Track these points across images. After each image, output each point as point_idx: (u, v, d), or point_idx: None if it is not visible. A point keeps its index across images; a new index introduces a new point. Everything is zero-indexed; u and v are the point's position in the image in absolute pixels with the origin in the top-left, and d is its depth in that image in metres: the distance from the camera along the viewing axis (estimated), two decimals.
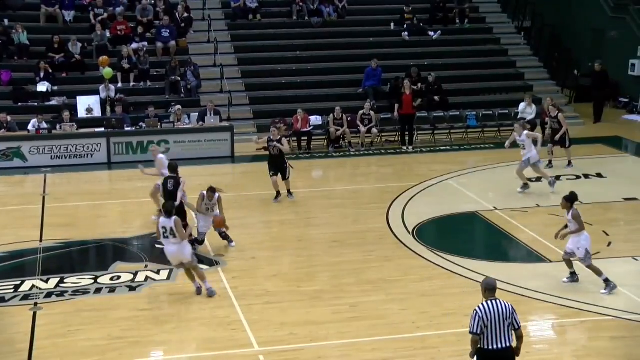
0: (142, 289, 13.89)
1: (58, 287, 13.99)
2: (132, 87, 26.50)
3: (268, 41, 29.38)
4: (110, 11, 28.53)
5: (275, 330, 12.27)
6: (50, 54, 26.61)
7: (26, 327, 12.40)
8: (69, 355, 11.56)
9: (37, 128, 23.41)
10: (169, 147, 23.27)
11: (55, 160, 22.88)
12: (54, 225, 17.48)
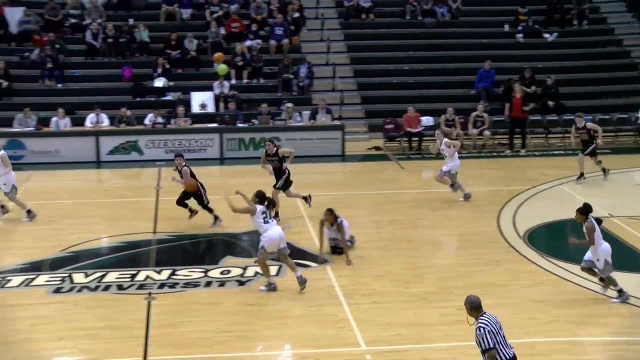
0: (251, 284, 14.07)
1: (170, 278, 14.33)
2: (245, 84, 26.91)
3: (380, 41, 29.40)
4: (225, 8, 29.03)
5: (382, 330, 12.24)
6: (168, 50, 27.28)
7: (141, 315, 12.75)
8: (179, 346, 11.82)
9: (153, 122, 24.06)
10: (280, 143, 23.50)
11: (170, 154, 23.40)
12: (167, 218, 17.89)
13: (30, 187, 20.76)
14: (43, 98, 25.84)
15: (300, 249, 15.81)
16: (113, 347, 11.74)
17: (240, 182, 20.92)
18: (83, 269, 14.76)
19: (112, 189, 20.69)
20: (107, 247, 16.53)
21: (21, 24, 27.61)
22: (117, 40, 27.45)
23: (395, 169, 22.83)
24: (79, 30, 28.14)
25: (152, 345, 11.75)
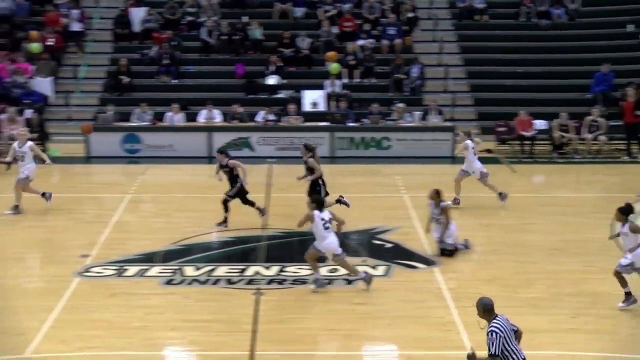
0: (358, 283, 14.10)
1: (279, 275, 14.49)
2: (356, 83, 26.97)
3: (494, 42, 29.01)
4: (338, 8, 29.16)
5: None
6: (281, 48, 27.58)
7: (250, 309, 12.94)
8: (286, 342, 11.93)
9: (265, 119, 24.36)
10: (390, 144, 23.52)
11: (281, 151, 23.70)
12: (277, 214, 18.09)
13: (146, 180, 21.32)
14: (159, 93, 26.53)
15: (408, 249, 15.78)
16: (221, 340, 11.96)
17: (350, 181, 21.03)
18: (194, 262, 15.09)
19: (223, 185, 20.99)
20: (218, 241, 16.82)
21: (143, 23, 28.41)
22: (231, 37, 27.92)
23: (506, 172, 22.49)
24: (194, 28, 28.77)
25: (259, 340, 11.90)
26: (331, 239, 13.59)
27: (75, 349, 11.55)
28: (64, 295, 13.47)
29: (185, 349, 11.89)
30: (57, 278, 14.28)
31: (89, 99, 26.59)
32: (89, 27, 28.81)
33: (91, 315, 12.74)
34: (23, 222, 17.36)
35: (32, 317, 12.62)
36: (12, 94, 25.37)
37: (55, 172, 22.58)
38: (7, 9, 28.48)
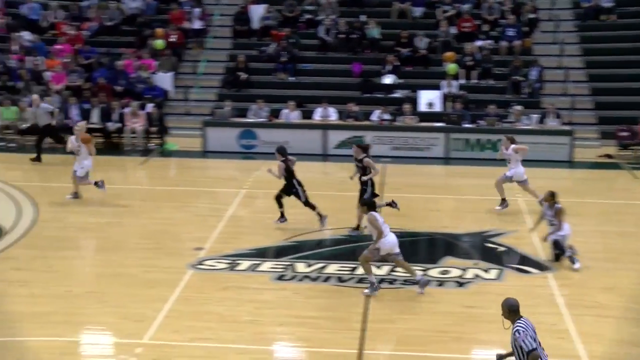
0: (469, 286, 13.91)
1: (389, 274, 14.43)
2: (473, 84, 26.64)
3: (620, 43, 28.06)
4: (457, 8, 28.86)
5: (609, 347, 11.70)
6: (398, 48, 27.49)
7: (360, 308, 12.93)
8: (394, 342, 11.88)
9: (380, 119, 24.32)
10: None
11: (395, 151, 23.62)
12: (389, 214, 17.95)
13: (260, 176, 21.53)
14: (276, 90, 26.82)
15: (521, 253, 15.49)
16: (330, 337, 11.98)
17: (464, 182, 20.79)
18: (305, 259, 15.18)
19: (337, 182, 21.08)
20: (329, 239, 16.89)
21: (262, 20, 28.80)
22: (349, 36, 27.99)
23: (627, 178, 21.81)
24: (312, 26, 28.97)
25: (368, 339, 11.88)
26: (390, 237, 13.52)
27: (187, 339, 11.78)
28: (178, 287, 13.78)
29: (294, 344, 11.97)
30: (172, 269, 14.60)
31: (207, 95, 27.12)
32: (209, 24, 29.38)
33: (203, 307, 12.98)
34: (143, 214, 17.82)
35: (149, 305, 12.96)
36: (136, 89, 26.12)
37: (172, 165, 23.19)
38: (137, 8, 29.37)
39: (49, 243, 16.15)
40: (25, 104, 24.63)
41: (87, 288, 13.83)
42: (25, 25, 28.75)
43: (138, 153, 23.71)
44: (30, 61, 26.91)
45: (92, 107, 24.62)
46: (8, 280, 14.17)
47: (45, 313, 12.74)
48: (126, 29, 29.03)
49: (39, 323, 12.39)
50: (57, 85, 26.05)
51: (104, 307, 13.08)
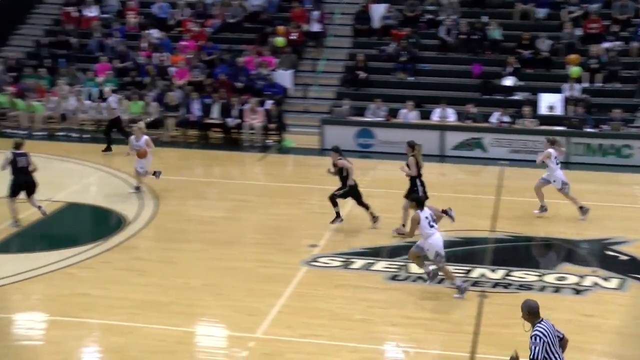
0: (587, 294, 13.55)
1: (505, 278, 14.20)
2: (598, 87, 25.91)
3: None
4: (584, 8, 28.11)
5: None
6: (519, 49, 27.01)
7: (473, 311, 12.78)
8: (508, 347, 11.54)
9: (499, 121, 23.96)
10: (632, 152, 22.44)
11: (514, 154, 23.23)
12: (506, 217, 17.75)
13: (376, 176, 21.58)
14: (394, 90, 26.74)
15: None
16: (442, 339, 11.90)
17: (584, 188, 20.22)
18: None
19: (454, 184, 20.90)
20: (444, 240, 16.70)
21: (383, 19, 28.77)
22: (470, 36, 27.67)
23: None
24: (433, 26, 28.75)
25: (481, 342, 11.73)
26: (436, 236, 13.31)
27: (299, 336, 11.89)
28: (291, 283, 13.92)
29: (406, 345, 11.91)
30: (287, 265, 14.76)
31: (325, 93, 27.28)
32: (330, 22, 29.54)
33: (316, 304, 13.07)
34: (259, 210, 18.07)
35: (262, 300, 13.14)
36: (256, 86, 26.50)
37: (290, 162, 23.43)
38: (259, 5, 29.80)
39: (168, 235, 16.59)
40: (150, 98, 25.34)
41: (203, 280, 14.12)
42: (155, 23, 29.59)
43: (256, 149, 24.07)
44: (157, 57, 27.68)
45: (212, 103, 25.12)
46: (129, 268, 14.64)
47: (163, 303, 13.08)
48: (248, 26, 29.50)
49: (156, 312, 12.73)
50: (180, 80, 26.70)
51: (219, 300, 13.33)
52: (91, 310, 12.82)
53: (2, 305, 13.12)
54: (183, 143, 24.66)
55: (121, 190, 19.53)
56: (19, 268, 14.59)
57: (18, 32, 31.10)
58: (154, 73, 26.86)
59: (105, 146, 23.31)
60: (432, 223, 13.36)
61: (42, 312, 13.09)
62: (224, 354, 11.69)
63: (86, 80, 27.02)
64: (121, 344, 11.71)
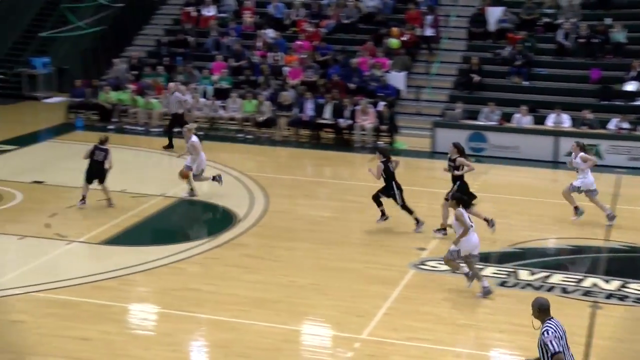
0: None
1: (620, 290, 13.77)
2: None
3: None
4: None
5: None
6: None
7: (584, 322, 12.46)
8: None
9: (618, 127, 23.26)
10: None
11: (633, 162, 22.54)
12: (622, 227, 17.21)
13: (488, 180, 21.27)
14: (508, 94, 26.29)
15: None
16: None
17: None
18: (529, 267, 14.80)
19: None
20: (555, 248, 16.40)
21: (499, 22, 28.33)
22: (589, 40, 26.93)
23: None
24: (551, 29, 28.12)
25: (592, 355, 11.42)
26: (473, 236, 13.36)
27: (404, 338, 11.83)
28: (398, 285, 13.86)
29: (513, 352, 11.69)
30: (394, 267, 14.71)
31: (438, 95, 27.05)
32: (444, 24, 29.27)
33: (422, 307, 12.98)
34: (368, 211, 18.01)
35: (369, 301, 13.14)
36: (369, 87, 26.50)
37: (400, 164, 23.27)
38: (374, 7, 29.80)
39: (277, 233, 16.75)
40: (264, 97, 25.66)
41: (310, 279, 14.21)
42: (270, 23, 29.96)
43: (367, 150, 24.07)
44: (271, 57, 28.01)
45: (325, 103, 25.26)
46: (238, 265, 14.86)
47: (270, 300, 13.23)
48: (362, 27, 29.52)
49: (263, 309, 12.89)
50: (294, 80, 26.94)
51: (325, 300, 13.39)
52: (200, 305, 13.08)
53: (117, 295, 13.51)
54: (295, 142, 24.87)
55: (233, 187, 19.82)
56: (132, 261, 15.01)
57: (142, 32, 32.00)
58: (268, 72, 27.18)
59: (167, 143, 23.63)
60: (470, 224, 13.46)
61: (154, 304, 13.44)
62: (329, 353, 11.73)
63: (202, 78, 27.57)
64: (228, 340, 11.90)
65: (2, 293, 13.53)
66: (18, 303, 13.20)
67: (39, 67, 30.57)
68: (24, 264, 14.85)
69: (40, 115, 28.68)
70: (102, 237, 16.23)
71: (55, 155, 21.88)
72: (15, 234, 16.32)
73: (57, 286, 13.79)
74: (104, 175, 17.73)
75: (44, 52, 31.47)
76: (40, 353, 11.46)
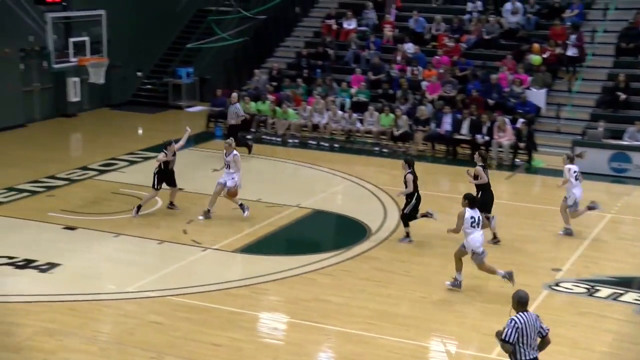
0: None
1: None
2: None
3: None
4: None
5: None
6: None
7: None
8: None
9: None
10: None
11: None
12: None
13: (630, 202, 20.54)
14: None
15: None
16: None
17: None
18: None
19: None
20: None
21: None
22: None
23: None
24: None
25: None
26: (475, 235, 13.94)
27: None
28: (532, 306, 13.46)
29: None
30: (527, 287, 14.14)
31: (579, 114, 26.28)
32: (589, 40, 28.43)
33: (557, 330, 12.52)
34: (502, 229, 17.65)
35: (500, 320, 12.65)
36: (508, 103, 26.05)
37: (538, 182, 22.81)
38: (517, 23, 29.27)
39: (409, 247, 16.66)
40: (401, 111, 25.58)
41: (441, 296, 14.06)
42: (410, 37, 29.88)
43: (504, 167, 23.64)
44: (410, 71, 27.93)
45: (462, 118, 24.96)
46: (369, 278, 14.85)
47: (400, 315, 13.17)
48: (503, 43, 29.06)
49: (393, 324, 12.84)
50: (432, 94, 26.77)
51: (456, 317, 13.22)
52: (330, 316, 13.14)
53: (248, 303, 13.74)
54: (430, 157, 24.69)
55: (368, 200, 19.86)
56: (265, 269, 15.24)
57: (282, 44, 32.56)
58: (406, 86, 27.12)
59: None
60: (474, 224, 13.98)
61: (284, 313, 13.59)
62: None
63: (340, 91, 27.76)
64: (357, 353, 11.90)
65: (142, 295, 14.01)
66: (155, 305, 13.64)
67: (184, 77, 31.53)
68: (162, 268, 15.33)
69: (182, 124, 29.43)
70: (236, 245, 16.54)
71: (194, 163, 22.48)
72: (154, 238, 16.86)
73: (192, 291, 14.16)
74: (174, 180, 18.46)
75: (189, 63, 32.44)
76: (174, 354, 11.78)
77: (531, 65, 27.17)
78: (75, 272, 15.02)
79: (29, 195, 19.63)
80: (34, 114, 28.33)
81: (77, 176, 21.32)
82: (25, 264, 15.23)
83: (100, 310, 13.51)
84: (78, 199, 19.38)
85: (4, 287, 14.22)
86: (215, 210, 18.10)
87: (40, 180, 20.80)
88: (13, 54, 26.68)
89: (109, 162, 21.61)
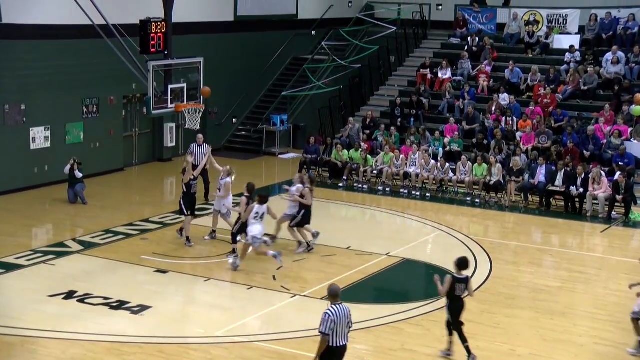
0: None
1: None
2: None
3: None
4: None
5: None
6: None
7: None
8: None
9: None
10: None
11: None
12: None
13: None
14: None
15: None
16: None
17: None
18: None
19: None
20: None
21: None
22: None
23: None
24: None
25: None
26: (255, 227, 17.14)
27: None
28: None
29: None
30: (626, 346, 14.00)
31: None
32: None
33: None
34: (597, 283, 17.20)
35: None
36: (606, 155, 25.54)
37: (635, 236, 22.21)
38: (616, 73, 28.75)
39: (498, 299, 16.40)
40: (495, 161, 25.29)
41: (530, 349, 13.78)
42: (505, 87, 29.65)
43: (599, 220, 23.09)
44: (504, 121, 27.70)
45: (557, 170, 24.54)
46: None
47: None
48: (601, 94, 28.58)
49: None
50: (526, 145, 26.45)
51: None
52: None
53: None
54: (523, 208, 24.32)
55: (458, 250, 19.64)
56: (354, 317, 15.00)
57: (377, 93, 32.76)
58: (500, 137, 26.87)
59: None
60: (258, 217, 17.13)
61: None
62: None
63: (433, 140, 27.68)
64: None
65: (230, 339, 14.14)
66: (243, 350, 13.74)
67: (278, 124, 31.97)
68: (251, 313, 15.44)
69: (274, 170, 29.91)
70: (325, 292, 16.49)
71: (284, 210, 22.69)
72: (244, 283, 17.02)
73: (279, 337, 14.21)
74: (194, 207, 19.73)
75: (283, 110, 32.88)
76: None
77: (632, 116, 26.61)
78: (165, 315, 15.27)
79: (124, 238, 20.10)
80: (132, 159, 29.12)
81: (170, 220, 21.74)
82: (119, 305, 15.56)
83: (187, 354, 13.65)
84: (170, 243, 19.75)
85: (101, 327, 14.55)
86: (306, 257, 18.24)
87: (134, 223, 21.29)
88: (117, 102, 27.59)
89: (201, 207, 21.96)
